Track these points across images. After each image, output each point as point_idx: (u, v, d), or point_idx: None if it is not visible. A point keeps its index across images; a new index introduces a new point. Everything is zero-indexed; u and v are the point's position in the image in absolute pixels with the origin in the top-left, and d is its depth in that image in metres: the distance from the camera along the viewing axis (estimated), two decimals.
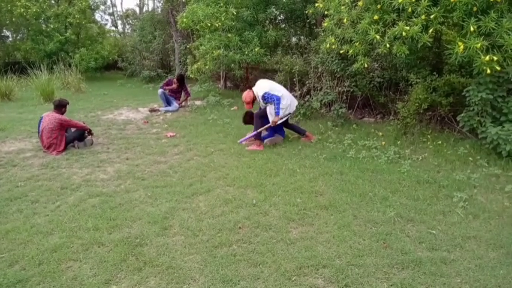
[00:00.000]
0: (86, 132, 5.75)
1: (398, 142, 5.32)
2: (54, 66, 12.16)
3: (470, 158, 4.61)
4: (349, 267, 2.62)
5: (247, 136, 5.73)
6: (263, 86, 5.49)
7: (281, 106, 5.36)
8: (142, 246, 2.92)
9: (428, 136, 5.39)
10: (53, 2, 15.71)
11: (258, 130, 5.47)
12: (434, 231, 3.06)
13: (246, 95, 5.67)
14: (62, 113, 5.55)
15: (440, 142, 5.15)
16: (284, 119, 5.58)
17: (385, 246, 2.86)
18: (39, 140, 5.59)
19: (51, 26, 14.66)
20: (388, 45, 4.75)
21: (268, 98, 5.38)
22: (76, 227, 3.21)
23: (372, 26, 4.87)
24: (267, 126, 5.51)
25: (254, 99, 5.66)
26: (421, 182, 4.05)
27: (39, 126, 5.43)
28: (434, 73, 5.66)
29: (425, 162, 4.66)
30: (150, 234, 3.07)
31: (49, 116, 5.38)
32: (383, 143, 5.32)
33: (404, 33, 4.48)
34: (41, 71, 10.47)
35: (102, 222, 3.27)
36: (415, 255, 2.74)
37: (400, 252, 2.78)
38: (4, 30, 16.67)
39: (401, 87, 6.59)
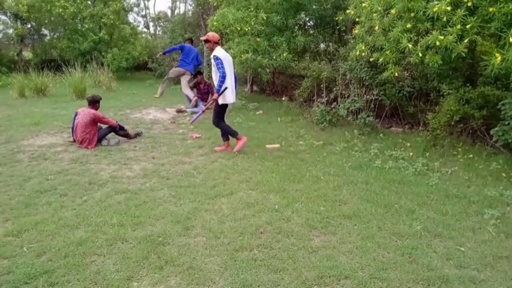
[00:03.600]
0: (127, 135, 6.00)
1: (427, 154, 5.17)
2: (88, 65, 12.57)
3: (504, 174, 4.43)
4: (372, 280, 2.55)
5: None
6: (222, 52, 5.21)
7: (223, 86, 5.11)
8: (165, 245, 2.95)
9: (459, 149, 5.21)
10: (89, 2, 16.26)
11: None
12: (463, 249, 2.95)
13: (214, 35, 5.33)
14: (96, 109, 5.72)
15: (471, 156, 4.97)
16: (223, 106, 5.40)
17: (411, 261, 2.77)
18: (71, 135, 5.79)
19: (86, 26, 15.17)
20: (420, 55, 4.63)
21: (218, 64, 5.05)
22: (101, 222, 3.28)
23: (405, 34, 4.76)
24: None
25: (216, 42, 5.24)
26: (450, 196, 3.91)
27: (73, 121, 5.63)
28: (468, 84, 5.48)
29: (455, 176, 4.51)
30: (172, 234, 3.10)
31: (84, 112, 5.56)
32: (411, 154, 5.18)
33: (438, 43, 4.36)
34: (75, 68, 10.83)
35: (127, 219, 3.33)
36: (442, 272, 2.64)
37: (426, 268, 2.69)
38: (43, 29, 17.35)
39: (432, 98, 6.41)
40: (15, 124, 6.90)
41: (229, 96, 5.29)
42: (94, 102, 5.74)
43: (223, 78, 5.08)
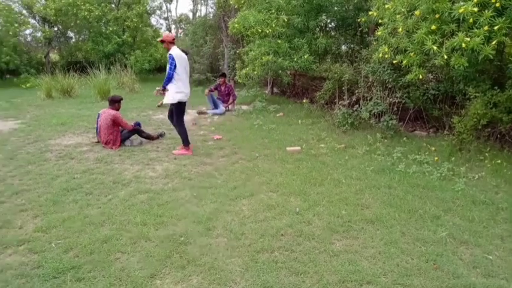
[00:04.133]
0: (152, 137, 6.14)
1: (453, 158, 5.04)
2: (111, 67, 12.86)
3: None
4: (395, 286, 2.51)
5: None
6: (177, 52, 5.22)
7: (171, 83, 5.12)
8: (186, 244, 2.98)
9: (486, 154, 5.07)
10: (113, 6, 16.66)
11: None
12: (491, 257, 2.86)
13: (169, 34, 5.39)
14: (117, 109, 5.84)
15: (499, 161, 4.82)
16: (176, 104, 5.29)
17: (435, 268, 2.71)
18: (95, 136, 5.93)
19: (110, 29, 15.54)
20: (445, 57, 4.53)
21: (171, 64, 5.08)
22: (125, 220, 3.35)
23: (429, 36, 4.67)
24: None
25: (171, 41, 5.26)
26: (477, 202, 3.81)
27: (97, 122, 5.77)
28: (496, 87, 5.32)
29: (482, 182, 4.38)
30: (194, 234, 3.14)
31: (105, 113, 5.69)
32: (436, 158, 5.07)
33: (464, 45, 4.26)
34: (99, 70, 11.11)
35: (150, 218, 3.39)
36: (468, 280, 2.57)
37: (452, 275, 2.63)
38: (69, 32, 17.87)
39: (457, 101, 6.26)
40: (43, 124, 7.13)
41: (181, 94, 5.24)
42: (114, 102, 5.87)
43: (169, 76, 5.13)
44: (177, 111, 5.38)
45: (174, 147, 5.79)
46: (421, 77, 5.15)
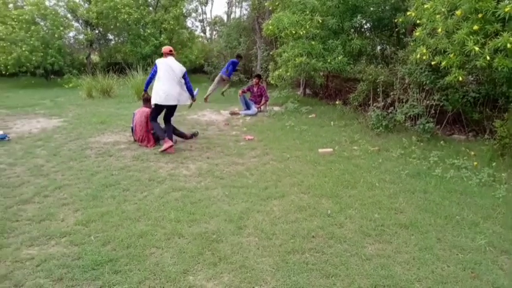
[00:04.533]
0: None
1: (494, 164, 4.82)
2: (148, 68, 13.24)
3: None
4: None
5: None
6: (162, 59, 5.75)
7: (152, 82, 5.61)
8: (218, 242, 3.04)
9: None
10: (151, 9, 17.16)
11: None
12: None
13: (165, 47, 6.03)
14: (150, 107, 6.04)
15: None
16: (155, 106, 5.67)
17: (473, 277, 2.61)
18: (132, 135, 6.15)
19: (148, 31, 16.02)
20: (488, 58, 4.36)
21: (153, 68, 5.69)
22: (160, 217, 3.46)
23: (471, 36, 4.50)
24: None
25: (167, 52, 5.90)
26: None
27: (132, 121, 6.00)
28: None
29: None
30: (225, 232, 3.19)
31: (139, 112, 5.92)
32: (475, 163, 4.87)
33: (509, 45, 4.08)
34: (137, 71, 11.49)
35: (183, 215, 3.47)
36: None
37: (491, 285, 2.52)
38: (108, 34, 18.60)
39: (500, 104, 5.99)
40: (84, 122, 7.47)
41: (155, 98, 5.55)
42: (147, 101, 6.09)
43: (149, 79, 5.89)
44: (153, 110, 5.81)
45: (208, 146, 5.89)
46: (460, 78, 4.97)
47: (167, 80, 5.58)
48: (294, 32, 8.11)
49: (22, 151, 5.45)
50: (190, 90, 5.96)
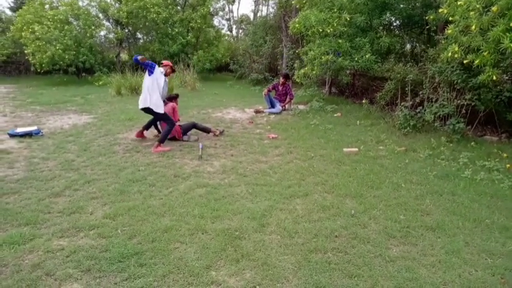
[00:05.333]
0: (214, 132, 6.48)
1: None
2: (175, 66, 13.47)
3: None
4: None
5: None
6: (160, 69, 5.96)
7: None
8: (241, 239, 3.06)
9: None
10: (179, 8, 17.42)
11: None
12: None
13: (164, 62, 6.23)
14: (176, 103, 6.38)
15: None
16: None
17: (503, 283, 2.52)
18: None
19: (176, 30, 16.27)
20: None
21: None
22: (184, 212, 3.52)
23: (507, 34, 4.33)
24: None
25: (164, 64, 6.13)
26: None
27: None
28: None
29: None
30: (248, 229, 3.21)
31: (166, 106, 6.08)
32: (507, 165, 4.68)
33: None
34: None
35: (207, 212, 3.52)
36: None
37: None
38: (137, 33, 19.01)
39: None
40: (113, 119, 7.69)
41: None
42: (171, 99, 6.44)
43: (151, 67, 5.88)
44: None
45: (232, 144, 5.94)
46: (494, 78, 4.79)
47: (145, 88, 5.82)
48: (321, 30, 8.04)
49: (54, 146, 5.68)
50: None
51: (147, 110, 5.82)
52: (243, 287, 2.48)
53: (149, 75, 5.71)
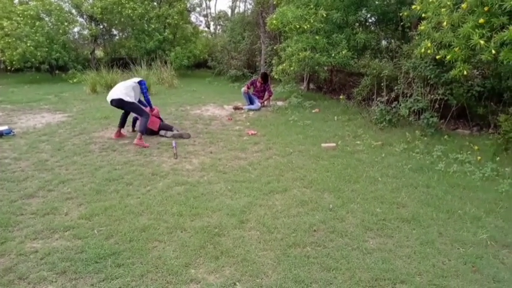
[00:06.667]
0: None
1: (498, 158, 4.80)
2: (152, 63, 13.27)
3: None
4: (430, 286, 2.45)
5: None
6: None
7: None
8: (220, 236, 3.06)
9: None
10: (155, 4, 17.12)
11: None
12: None
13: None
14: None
15: None
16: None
17: (474, 271, 2.61)
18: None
19: (152, 26, 16.00)
20: (493, 52, 4.32)
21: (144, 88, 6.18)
22: (163, 211, 3.48)
23: (476, 30, 4.46)
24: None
25: None
26: None
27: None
28: None
29: None
30: (228, 226, 3.21)
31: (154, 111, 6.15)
32: (479, 158, 4.85)
33: None
34: (141, 66, 11.51)
35: (186, 209, 3.50)
36: (510, 285, 2.46)
37: (492, 279, 2.52)
38: (113, 30, 18.60)
39: (505, 98, 5.94)
40: (88, 117, 7.51)
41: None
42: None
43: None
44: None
45: (211, 141, 5.91)
46: (465, 73, 4.93)
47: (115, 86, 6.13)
48: (298, 26, 8.07)
49: (27, 146, 5.50)
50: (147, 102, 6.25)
51: (119, 102, 5.82)
52: (222, 284, 2.48)
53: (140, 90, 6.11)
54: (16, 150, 5.27)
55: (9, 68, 13.93)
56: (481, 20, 4.40)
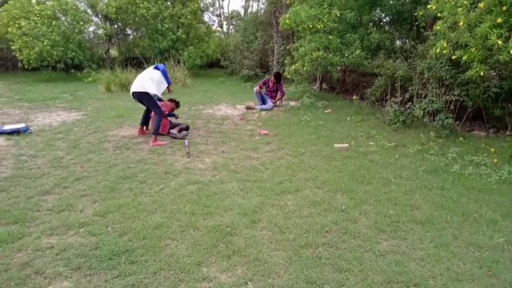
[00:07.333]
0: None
1: None
2: (165, 62, 13.36)
3: None
4: None
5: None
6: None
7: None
8: (232, 235, 3.07)
9: None
10: (169, 3, 17.25)
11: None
12: None
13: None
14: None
15: None
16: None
17: (490, 275, 2.57)
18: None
19: (166, 26, 16.12)
20: (511, 52, 4.23)
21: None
22: (175, 209, 3.51)
23: (494, 30, 4.37)
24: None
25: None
26: None
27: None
28: None
29: None
30: (240, 225, 3.22)
31: (166, 104, 6.25)
32: (495, 160, 4.76)
33: None
34: None
35: (198, 208, 3.52)
36: None
37: (509, 284, 2.47)
38: (127, 29, 18.81)
39: None
40: (102, 116, 7.62)
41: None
42: (171, 100, 6.74)
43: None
44: None
45: (223, 141, 5.93)
46: (482, 73, 4.84)
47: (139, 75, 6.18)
48: (311, 26, 8.04)
49: (43, 143, 5.61)
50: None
51: (141, 95, 5.85)
52: (234, 283, 2.48)
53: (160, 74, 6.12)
54: (33, 148, 5.37)
55: (26, 66, 14.20)
56: (499, 20, 4.31)
